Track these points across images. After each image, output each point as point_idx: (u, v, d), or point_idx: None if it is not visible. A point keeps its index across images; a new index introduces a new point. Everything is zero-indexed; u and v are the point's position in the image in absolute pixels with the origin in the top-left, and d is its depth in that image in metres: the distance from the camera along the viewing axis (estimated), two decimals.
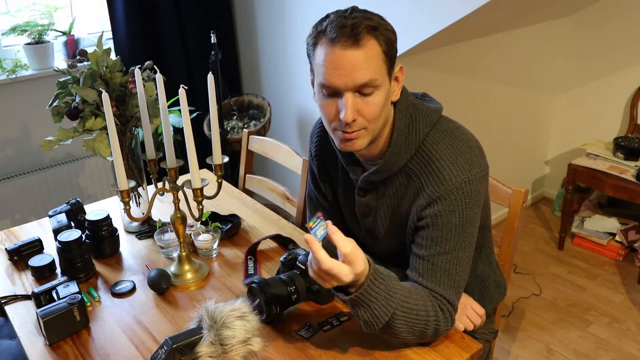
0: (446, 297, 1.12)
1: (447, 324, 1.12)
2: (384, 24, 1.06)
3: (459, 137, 1.14)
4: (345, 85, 1.04)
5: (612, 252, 2.87)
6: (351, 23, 1.02)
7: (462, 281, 1.15)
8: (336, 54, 1.02)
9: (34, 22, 2.51)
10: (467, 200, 1.10)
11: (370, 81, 1.03)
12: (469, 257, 1.15)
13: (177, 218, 1.37)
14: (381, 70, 1.05)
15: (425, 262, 1.13)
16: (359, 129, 1.09)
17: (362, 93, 1.05)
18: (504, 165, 3.09)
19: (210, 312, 1.09)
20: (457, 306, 1.14)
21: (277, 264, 1.47)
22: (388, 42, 1.05)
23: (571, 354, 2.26)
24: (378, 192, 1.22)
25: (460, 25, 2.10)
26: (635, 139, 2.75)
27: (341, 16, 1.04)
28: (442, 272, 1.12)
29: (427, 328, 1.08)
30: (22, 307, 1.34)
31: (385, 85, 1.08)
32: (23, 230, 1.71)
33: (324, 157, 1.35)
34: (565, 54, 3.10)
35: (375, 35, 1.03)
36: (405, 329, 1.07)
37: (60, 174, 2.60)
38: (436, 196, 1.11)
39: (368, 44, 1.02)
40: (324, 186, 1.38)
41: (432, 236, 1.12)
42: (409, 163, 1.15)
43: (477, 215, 1.14)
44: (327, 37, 1.03)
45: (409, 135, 1.14)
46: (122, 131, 1.53)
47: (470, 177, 1.10)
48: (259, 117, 2.89)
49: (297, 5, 2.61)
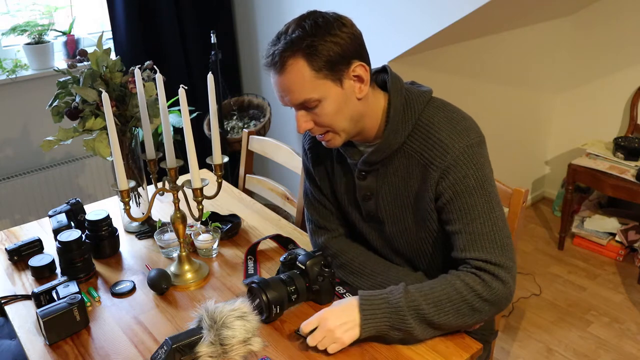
0: (491, 260, 1.12)
1: (496, 285, 1.12)
2: (311, 38, 1.07)
3: (452, 109, 1.19)
4: (290, 104, 1.14)
5: (612, 252, 2.87)
6: (272, 52, 1.10)
7: (505, 239, 1.15)
8: (273, 78, 1.13)
9: (34, 22, 2.51)
10: (475, 161, 1.13)
11: (305, 101, 1.11)
12: (501, 214, 1.16)
13: (177, 218, 1.37)
14: (316, 85, 1.09)
15: (463, 236, 1.15)
16: (323, 132, 1.17)
17: (307, 108, 1.13)
18: (504, 165, 3.09)
19: (210, 312, 1.09)
20: (508, 264, 1.13)
21: (277, 264, 1.47)
22: (320, 54, 1.07)
23: (571, 354, 2.26)
24: (378, 173, 1.24)
25: (460, 25, 2.10)
26: (635, 139, 2.75)
27: (270, 43, 1.11)
28: (481, 238, 1.13)
29: (470, 302, 1.11)
30: (22, 307, 1.34)
31: (332, 94, 1.11)
32: (23, 230, 1.71)
33: (318, 148, 1.36)
34: (565, 54, 3.11)
35: (298, 56, 1.07)
36: (451, 317, 1.11)
37: (60, 174, 2.60)
38: (445, 166, 1.13)
39: (291, 69, 1.08)
40: (319, 179, 1.38)
41: (458, 207, 1.14)
42: (408, 141, 1.18)
43: (490, 175, 1.17)
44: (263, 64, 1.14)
45: (405, 113, 1.17)
46: (122, 131, 1.53)
47: (470, 141, 1.14)
48: (259, 117, 2.89)
49: (297, 5, 2.61)
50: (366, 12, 2.30)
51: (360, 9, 2.32)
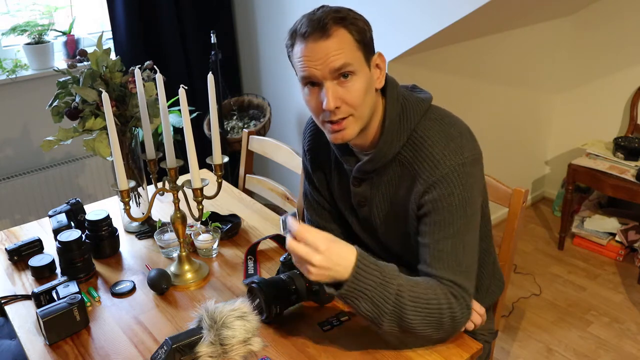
0: (457, 282, 1.11)
1: (463, 310, 1.10)
2: (352, 14, 1.11)
3: (449, 123, 1.17)
4: (323, 73, 1.08)
5: (612, 252, 2.87)
6: (318, 17, 1.08)
7: (471, 265, 1.14)
8: (309, 48, 1.08)
9: (34, 22, 2.51)
10: (463, 182, 1.11)
11: (344, 64, 1.08)
12: (474, 240, 1.15)
13: (177, 218, 1.37)
14: (355, 56, 1.09)
15: (430, 249, 1.13)
16: (345, 116, 1.12)
17: (340, 80, 1.09)
18: (504, 165, 3.10)
19: (210, 312, 1.09)
20: (470, 291, 1.13)
21: (277, 264, 1.47)
22: (359, 30, 1.10)
23: (571, 354, 2.26)
24: (372, 182, 1.23)
25: (460, 25, 2.10)
26: (635, 139, 2.75)
27: (310, 13, 1.11)
28: (449, 257, 1.11)
29: (443, 317, 1.08)
30: (22, 307, 1.34)
31: (364, 71, 1.11)
32: (23, 230, 1.71)
33: (317, 150, 1.36)
34: (566, 54, 3.10)
35: (344, 25, 1.08)
36: (419, 320, 1.06)
37: (60, 174, 2.60)
38: (432, 181, 1.12)
39: (337, 33, 1.08)
40: (317, 180, 1.39)
41: (434, 221, 1.12)
42: (402, 151, 1.17)
43: (476, 197, 1.15)
44: (300, 34, 1.10)
45: (401, 124, 1.16)
46: (122, 131, 1.53)
47: (463, 159, 1.12)
48: (259, 117, 2.89)
49: (297, 5, 2.61)
50: (366, 12, 2.29)
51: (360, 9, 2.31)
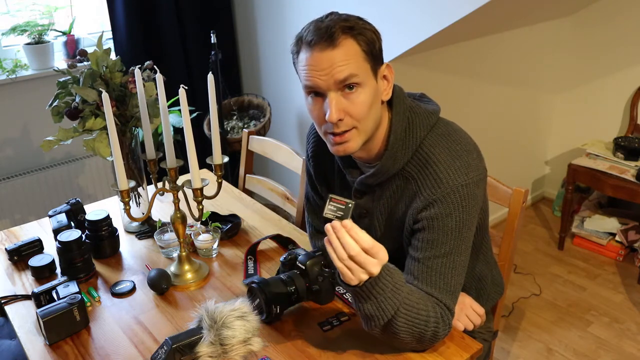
0: (442, 300, 1.11)
1: (445, 327, 1.11)
2: (361, 24, 1.07)
3: (456, 140, 1.14)
4: (327, 84, 1.06)
5: (612, 252, 2.87)
6: (326, 25, 1.05)
7: (457, 285, 1.14)
8: (315, 57, 1.05)
9: (34, 22, 2.51)
10: (464, 204, 1.10)
11: (350, 76, 1.05)
12: (464, 261, 1.15)
13: (177, 218, 1.37)
14: (362, 67, 1.06)
15: (420, 265, 1.12)
16: (348, 129, 1.09)
17: (345, 92, 1.07)
18: (504, 165, 3.10)
19: (210, 312, 1.09)
20: (453, 311, 1.13)
21: (277, 264, 1.47)
22: (367, 40, 1.07)
23: (571, 354, 2.26)
24: (374, 195, 1.22)
25: (460, 25, 2.10)
26: (635, 139, 2.75)
27: (317, 21, 1.08)
28: (437, 276, 1.11)
29: (427, 329, 1.08)
30: (22, 307, 1.34)
31: (370, 83, 1.08)
32: (23, 230, 1.71)
33: (320, 157, 1.35)
34: (565, 54, 3.10)
35: (351, 34, 1.05)
36: (406, 329, 1.06)
37: (60, 174, 2.60)
38: (433, 199, 1.10)
39: (344, 43, 1.05)
40: (320, 187, 1.38)
41: (428, 239, 1.12)
42: (406, 166, 1.15)
43: (474, 219, 1.14)
44: (306, 42, 1.07)
45: (406, 139, 1.14)
46: (122, 131, 1.53)
47: (467, 180, 1.10)
48: (259, 117, 2.89)
49: (297, 5, 2.61)
50: (366, 12, 2.29)
51: (360, 9, 2.31)
